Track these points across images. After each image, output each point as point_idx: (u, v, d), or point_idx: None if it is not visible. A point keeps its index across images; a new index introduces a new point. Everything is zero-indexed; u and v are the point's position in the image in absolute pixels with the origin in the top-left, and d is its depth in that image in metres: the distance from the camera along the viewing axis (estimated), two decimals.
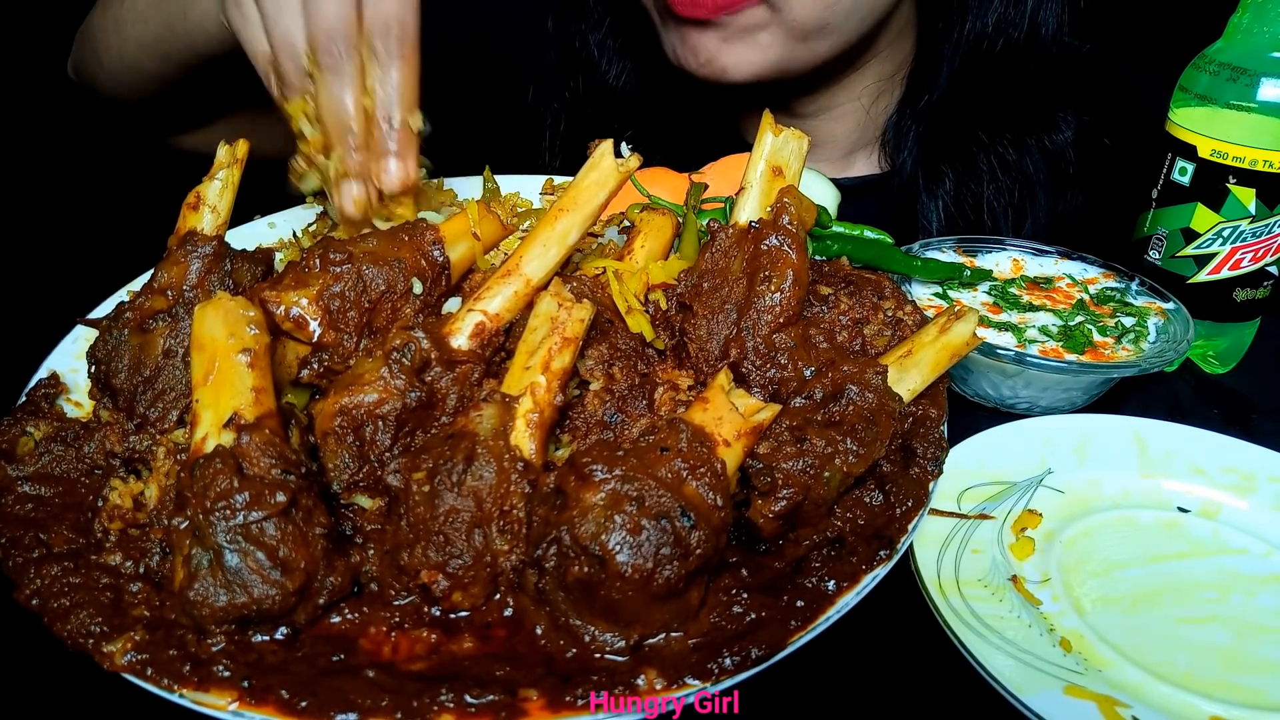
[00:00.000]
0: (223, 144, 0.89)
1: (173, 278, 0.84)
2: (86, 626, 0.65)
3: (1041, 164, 1.41)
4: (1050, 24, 1.36)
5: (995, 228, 1.40)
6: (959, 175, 1.40)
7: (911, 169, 1.42)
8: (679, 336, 0.84)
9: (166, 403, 0.79)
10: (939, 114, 1.40)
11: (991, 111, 1.39)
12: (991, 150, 1.39)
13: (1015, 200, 1.41)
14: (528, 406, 0.72)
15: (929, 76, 1.41)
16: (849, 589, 0.69)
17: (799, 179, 0.86)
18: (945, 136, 1.41)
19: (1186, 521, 0.88)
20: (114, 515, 0.73)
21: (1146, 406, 1.06)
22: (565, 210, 0.81)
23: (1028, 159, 1.40)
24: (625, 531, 0.63)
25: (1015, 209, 1.41)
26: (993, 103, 1.39)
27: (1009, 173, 1.40)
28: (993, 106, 1.39)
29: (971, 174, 1.40)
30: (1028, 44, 1.36)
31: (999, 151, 1.39)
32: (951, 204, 1.40)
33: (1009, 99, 1.39)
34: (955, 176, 1.40)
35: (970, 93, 1.38)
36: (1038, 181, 1.41)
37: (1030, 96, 1.39)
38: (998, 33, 1.35)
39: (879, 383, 0.78)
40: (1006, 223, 1.41)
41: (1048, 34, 1.36)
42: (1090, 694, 0.69)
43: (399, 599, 0.69)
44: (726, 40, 1.25)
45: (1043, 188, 1.42)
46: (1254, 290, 1.12)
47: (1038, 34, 1.36)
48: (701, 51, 1.26)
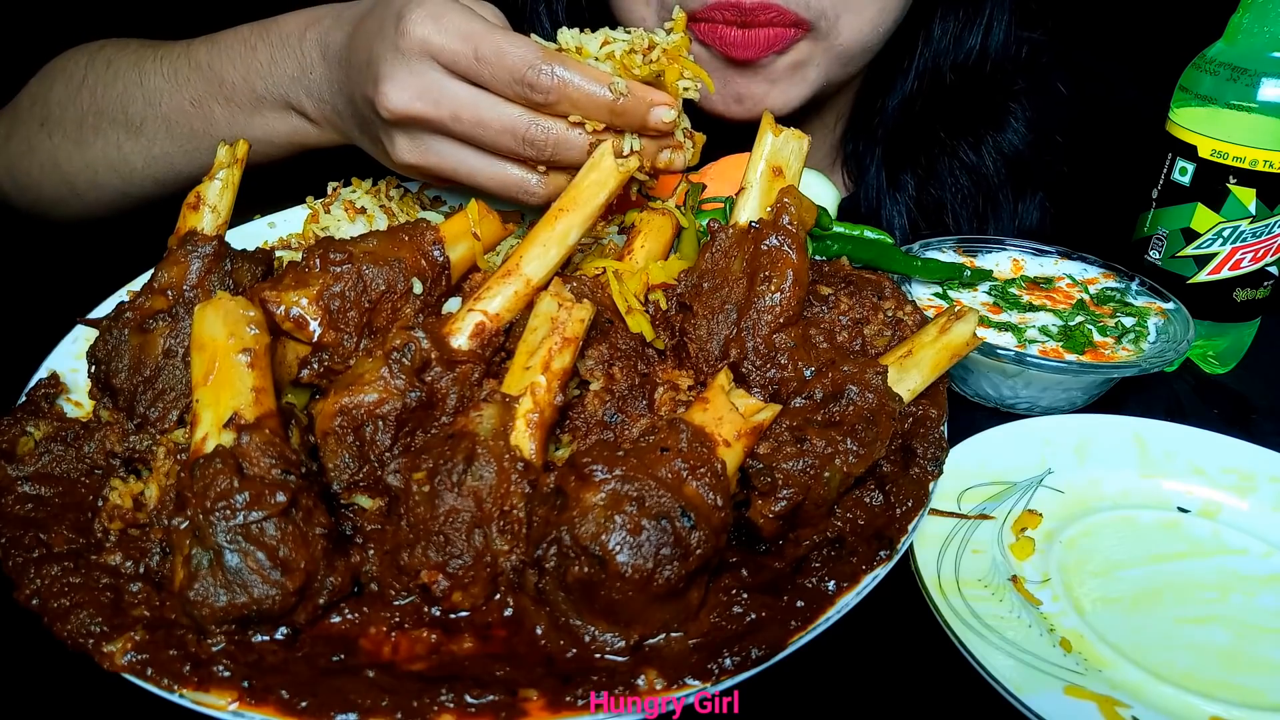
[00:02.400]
0: (223, 144, 0.90)
1: (173, 278, 0.84)
2: (86, 626, 0.65)
3: (1000, 165, 1.41)
4: (999, 36, 1.37)
5: (958, 231, 1.41)
6: (919, 180, 1.41)
7: (875, 183, 1.43)
8: (679, 336, 0.84)
9: (166, 403, 0.79)
10: (897, 128, 1.41)
11: (948, 116, 1.40)
12: (951, 153, 1.40)
13: (978, 205, 1.41)
14: (528, 406, 0.72)
15: (885, 97, 1.41)
16: (849, 589, 0.69)
17: (799, 179, 0.86)
18: (904, 145, 1.41)
19: (1186, 521, 0.88)
20: (114, 515, 0.73)
21: (1146, 406, 1.06)
22: (565, 210, 0.81)
23: (986, 160, 1.41)
24: (625, 532, 0.63)
25: (978, 215, 1.42)
26: (948, 110, 1.39)
27: (968, 174, 1.40)
28: (948, 112, 1.40)
29: (932, 178, 1.41)
30: (979, 60, 1.37)
31: (959, 154, 1.40)
32: (915, 209, 1.41)
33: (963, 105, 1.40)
34: (916, 182, 1.41)
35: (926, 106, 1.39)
36: (996, 184, 1.41)
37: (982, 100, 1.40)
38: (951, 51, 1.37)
39: (879, 383, 0.78)
40: (971, 228, 1.42)
41: (997, 45, 1.37)
42: (1090, 694, 0.69)
43: (399, 599, 0.69)
44: (774, 83, 1.23)
45: (1003, 190, 1.42)
46: (1254, 290, 1.12)
47: (989, 48, 1.37)
48: (748, 98, 1.23)
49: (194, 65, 1.17)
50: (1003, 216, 1.43)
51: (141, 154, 1.22)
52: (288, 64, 1.09)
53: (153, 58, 1.21)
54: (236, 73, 1.13)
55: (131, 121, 1.21)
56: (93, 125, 1.23)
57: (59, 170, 1.27)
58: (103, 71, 1.24)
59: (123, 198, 1.28)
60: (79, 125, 1.24)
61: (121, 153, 1.23)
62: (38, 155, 1.28)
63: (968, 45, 1.37)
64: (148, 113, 1.20)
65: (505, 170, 0.93)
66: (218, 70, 1.15)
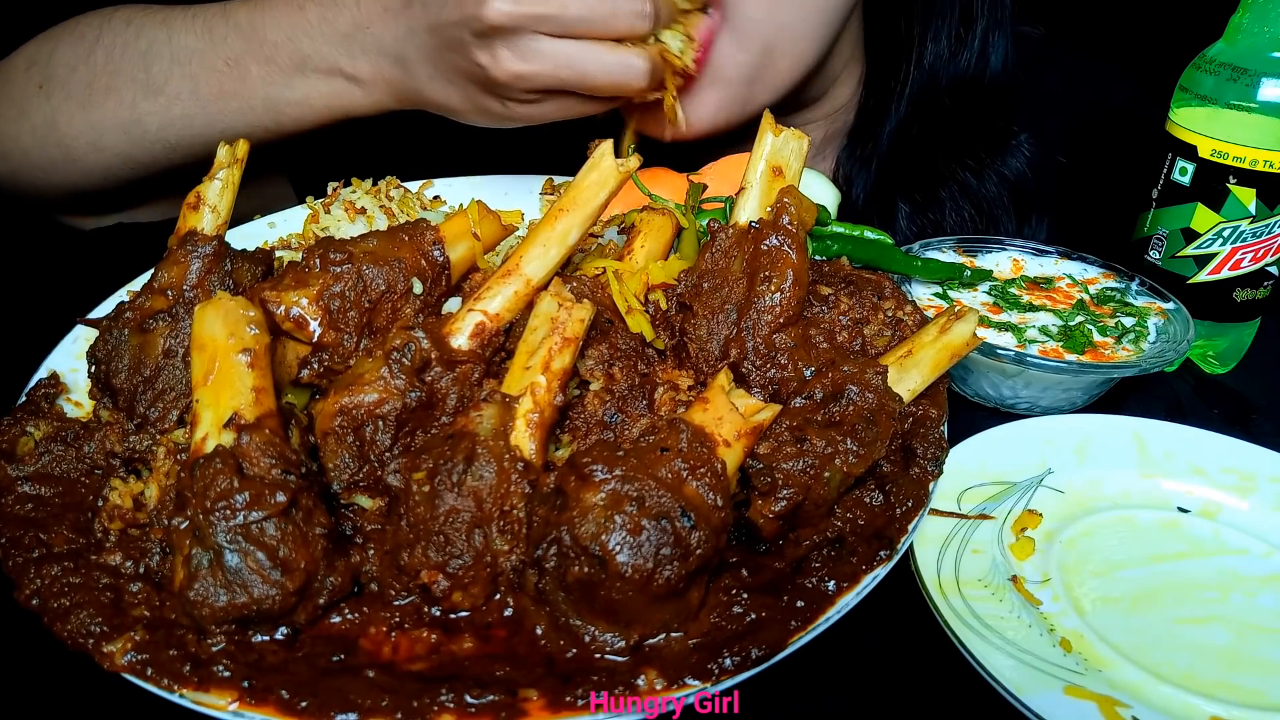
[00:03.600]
0: (223, 144, 0.90)
1: (173, 278, 0.84)
2: (86, 626, 0.65)
3: (1002, 190, 1.40)
4: (996, 59, 1.36)
5: None
6: (916, 206, 1.39)
7: (864, 204, 1.41)
8: (679, 336, 0.84)
9: (166, 403, 0.79)
10: (891, 148, 1.39)
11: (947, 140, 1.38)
12: (952, 178, 1.38)
13: (981, 230, 1.39)
14: (528, 406, 0.72)
15: (878, 114, 1.39)
16: (849, 589, 0.69)
17: (799, 179, 0.86)
18: (901, 169, 1.39)
19: (1186, 521, 0.88)
20: (114, 515, 0.73)
21: (1146, 406, 1.06)
22: (565, 210, 0.81)
23: (988, 185, 1.39)
24: (625, 532, 0.63)
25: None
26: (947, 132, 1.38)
27: (970, 199, 1.38)
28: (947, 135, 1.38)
29: (931, 203, 1.39)
30: (974, 83, 1.36)
31: (960, 179, 1.38)
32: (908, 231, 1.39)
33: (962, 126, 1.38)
34: (913, 207, 1.39)
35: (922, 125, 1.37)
36: (1001, 207, 1.40)
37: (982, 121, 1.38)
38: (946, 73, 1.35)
39: (879, 383, 0.78)
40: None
41: (995, 67, 1.36)
42: (1090, 694, 0.68)
43: (399, 599, 0.69)
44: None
45: (1005, 213, 1.41)
46: (1254, 290, 1.12)
47: (986, 63, 1.35)
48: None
49: (233, 24, 1.16)
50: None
51: (159, 114, 1.20)
52: (341, 20, 1.08)
53: (184, 16, 1.20)
54: (281, 32, 1.12)
55: (154, 81, 1.19)
56: (105, 85, 1.21)
57: (55, 132, 1.24)
58: (122, 30, 1.22)
59: (124, 162, 1.25)
60: (87, 86, 1.22)
61: (135, 113, 1.20)
62: (30, 118, 1.25)
63: (962, 66, 1.35)
64: (173, 71, 1.18)
65: (609, 55, 0.98)
66: (260, 29, 1.13)
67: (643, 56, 1.00)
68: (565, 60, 0.98)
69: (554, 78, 0.99)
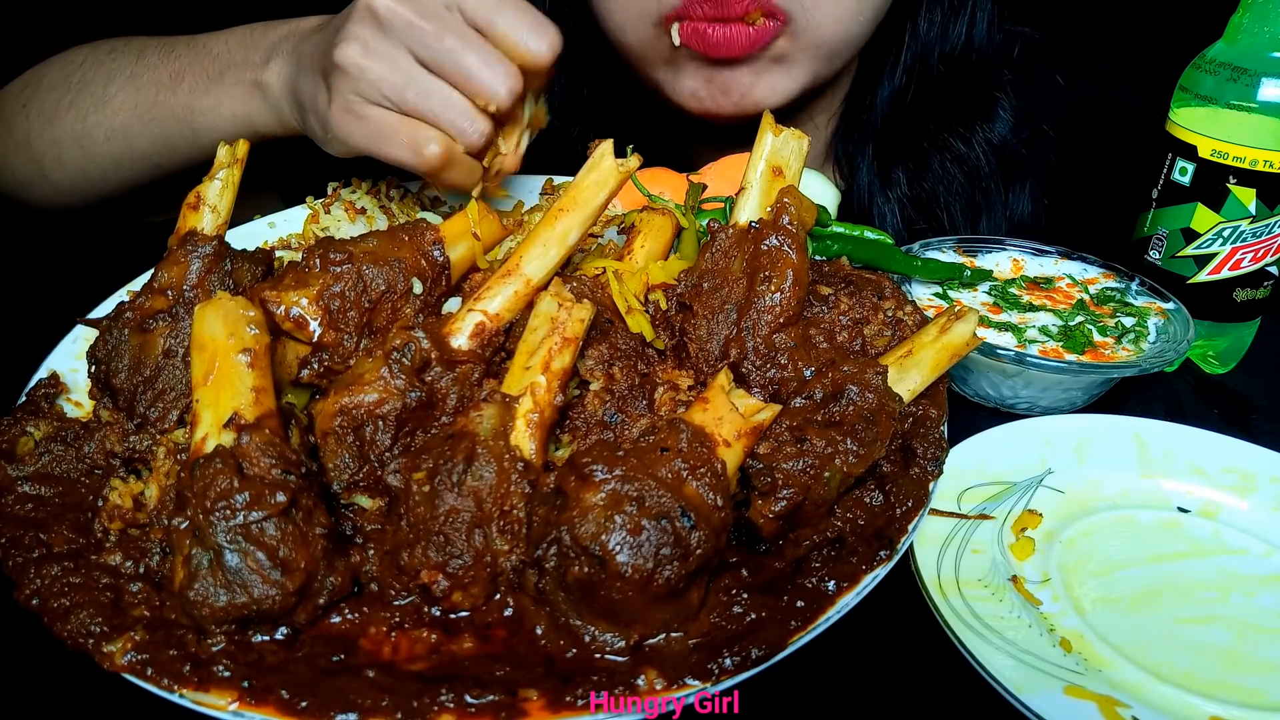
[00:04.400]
0: (223, 144, 0.90)
1: (173, 278, 0.84)
2: (86, 626, 0.65)
3: (990, 155, 1.42)
4: (982, 27, 1.38)
5: (952, 227, 1.42)
6: (911, 175, 1.41)
7: (868, 180, 1.43)
8: (679, 336, 0.84)
9: (166, 403, 0.79)
10: (888, 123, 1.41)
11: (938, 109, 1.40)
12: (942, 145, 1.40)
13: (971, 197, 1.41)
14: (528, 406, 0.72)
15: (875, 93, 1.42)
16: (849, 589, 0.69)
17: (799, 179, 0.86)
18: (895, 140, 1.41)
19: (1186, 521, 0.88)
20: (114, 515, 0.73)
21: (1146, 406, 1.06)
22: (565, 210, 0.81)
23: (976, 151, 1.41)
24: (625, 532, 0.63)
25: (971, 206, 1.42)
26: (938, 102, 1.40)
27: (959, 166, 1.40)
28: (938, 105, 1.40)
29: (923, 171, 1.41)
30: (965, 51, 1.38)
31: (950, 147, 1.40)
32: (909, 204, 1.41)
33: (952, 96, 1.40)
34: (908, 177, 1.41)
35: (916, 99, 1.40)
36: (987, 174, 1.42)
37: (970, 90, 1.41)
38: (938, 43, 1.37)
39: (879, 383, 0.78)
40: (966, 221, 1.42)
41: (981, 36, 1.38)
42: (1090, 694, 0.68)
43: (399, 599, 0.69)
44: (759, 74, 1.22)
45: (993, 180, 1.43)
46: (1254, 290, 1.12)
47: (974, 39, 1.38)
48: (735, 89, 1.23)
49: (190, 43, 1.17)
50: (995, 206, 1.43)
51: (104, 126, 1.21)
52: (275, 33, 1.09)
53: (159, 39, 1.21)
54: (224, 45, 1.13)
55: (107, 95, 1.20)
56: (70, 102, 1.23)
57: (29, 148, 1.26)
58: (104, 54, 1.24)
59: (81, 177, 1.26)
60: (56, 102, 1.24)
61: (86, 125, 1.22)
62: (14, 135, 1.28)
63: (953, 37, 1.37)
64: (124, 86, 1.19)
65: (456, 95, 0.95)
66: (210, 45, 1.14)
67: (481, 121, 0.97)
68: (411, 73, 0.95)
69: (392, 84, 0.95)
